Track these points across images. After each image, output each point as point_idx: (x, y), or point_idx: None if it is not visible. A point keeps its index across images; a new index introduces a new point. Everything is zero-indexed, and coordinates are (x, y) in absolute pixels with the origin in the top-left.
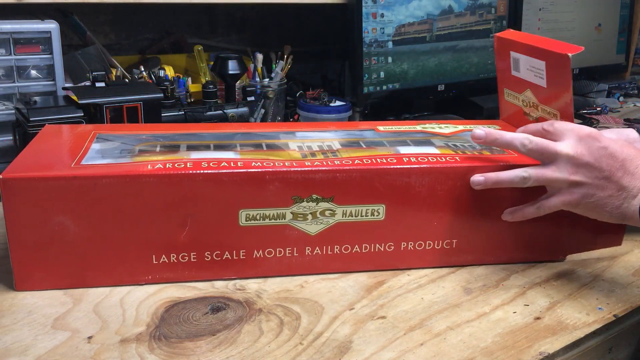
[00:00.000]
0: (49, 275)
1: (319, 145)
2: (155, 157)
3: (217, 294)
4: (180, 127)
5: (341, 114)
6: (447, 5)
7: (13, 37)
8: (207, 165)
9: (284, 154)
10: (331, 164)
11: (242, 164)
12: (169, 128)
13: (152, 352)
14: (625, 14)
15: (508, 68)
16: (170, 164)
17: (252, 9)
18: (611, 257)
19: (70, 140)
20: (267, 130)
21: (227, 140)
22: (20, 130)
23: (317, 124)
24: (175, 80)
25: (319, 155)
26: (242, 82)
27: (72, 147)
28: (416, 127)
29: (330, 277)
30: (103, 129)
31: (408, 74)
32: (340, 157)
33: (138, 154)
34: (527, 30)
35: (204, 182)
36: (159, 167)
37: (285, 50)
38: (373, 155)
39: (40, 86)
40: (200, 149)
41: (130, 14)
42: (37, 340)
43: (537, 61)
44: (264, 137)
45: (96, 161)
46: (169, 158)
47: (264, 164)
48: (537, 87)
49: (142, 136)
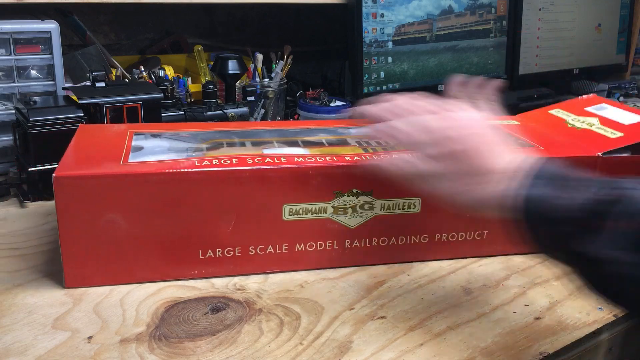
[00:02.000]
0: (98, 271)
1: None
2: (211, 153)
3: (217, 294)
4: (224, 125)
5: (341, 114)
6: (447, 5)
7: (13, 37)
8: (253, 161)
9: (347, 149)
10: (370, 159)
11: (285, 160)
12: (207, 126)
13: (152, 352)
14: (625, 14)
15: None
16: (217, 161)
17: (252, 9)
18: None
19: (109, 138)
20: (328, 126)
21: (291, 136)
22: (20, 130)
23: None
24: (175, 80)
25: (378, 149)
26: (242, 82)
27: (114, 146)
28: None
29: (330, 277)
30: (138, 128)
31: (408, 74)
32: (381, 152)
33: (185, 151)
34: (527, 29)
35: (249, 179)
36: (206, 164)
37: (285, 50)
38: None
39: (40, 86)
40: (266, 145)
41: (130, 14)
42: (37, 340)
43: None
44: (325, 132)
45: (141, 159)
46: (217, 155)
47: (306, 159)
48: None
49: (182, 134)
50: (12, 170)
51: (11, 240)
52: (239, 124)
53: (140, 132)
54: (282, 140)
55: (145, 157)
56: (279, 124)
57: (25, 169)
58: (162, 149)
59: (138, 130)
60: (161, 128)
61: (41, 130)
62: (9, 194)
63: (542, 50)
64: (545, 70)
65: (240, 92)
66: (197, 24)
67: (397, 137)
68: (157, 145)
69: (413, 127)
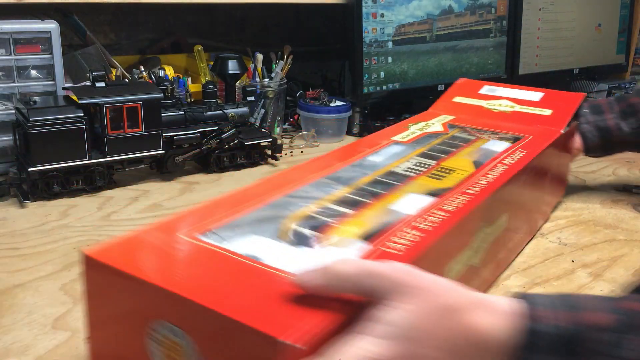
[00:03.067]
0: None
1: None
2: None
3: None
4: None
5: (341, 114)
6: (447, 5)
7: (13, 37)
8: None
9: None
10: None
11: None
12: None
13: None
14: (625, 14)
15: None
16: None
17: (252, 9)
18: (611, 257)
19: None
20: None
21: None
22: (20, 130)
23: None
24: (175, 80)
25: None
26: (242, 82)
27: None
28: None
29: None
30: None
31: (408, 74)
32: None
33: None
34: (527, 29)
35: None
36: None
37: (285, 50)
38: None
39: (40, 86)
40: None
41: (130, 14)
42: (37, 340)
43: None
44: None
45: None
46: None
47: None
48: None
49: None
50: (12, 170)
51: (11, 240)
52: (303, 170)
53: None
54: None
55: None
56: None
57: (25, 169)
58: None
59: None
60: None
61: (41, 130)
62: (9, 194)
63: (542, 50)
64: (545, 70)
65: (240, 92)
66: (197, 24)
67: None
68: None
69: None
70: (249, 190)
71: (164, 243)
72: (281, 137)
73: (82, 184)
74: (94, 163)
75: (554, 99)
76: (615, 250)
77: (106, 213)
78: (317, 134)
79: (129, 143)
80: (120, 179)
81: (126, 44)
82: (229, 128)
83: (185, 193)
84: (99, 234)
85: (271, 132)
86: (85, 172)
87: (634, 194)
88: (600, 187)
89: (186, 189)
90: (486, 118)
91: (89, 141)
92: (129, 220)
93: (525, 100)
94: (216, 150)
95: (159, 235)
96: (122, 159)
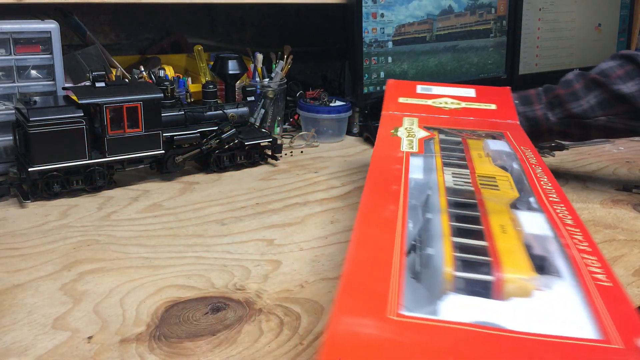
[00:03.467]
0: None
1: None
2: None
3: (217, 294)
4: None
5: (341, 114)
6: (447, 5)
7: (13, 37)
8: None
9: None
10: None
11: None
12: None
13: (152, 352)
14: (625, 14)
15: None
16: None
17: (252, 9)
18: (611, 257)
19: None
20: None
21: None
22: (20, 130)
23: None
24: (175, 80)
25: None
26: (242, 82)
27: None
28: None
29: (330, 277)
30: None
31: (408, 74)
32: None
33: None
34: (527, 29)
35: None
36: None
37: (285, 50)
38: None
39: (40, 86)
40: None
41: (130, 14)
42: (37, 340)
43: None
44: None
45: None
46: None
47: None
48: None
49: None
50: (12, 170)
51: (11, 240)
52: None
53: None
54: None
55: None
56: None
57: (25, 169)
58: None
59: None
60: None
61: (41, 130)
62: (9, 194)
63: (542, 50)
64: (545, 70)
65: (240, 92)
66: (197, 24)
67: None
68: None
69: None
70: (361, 255)
71: (391, 333)
72: (281, 137)
73: (82, 184)
74: (94, 163)
75: (487, 94)
76: (615, 250)
77: (106, 213)
78: (317, 134)
79: (129, 143)
80: (120, 179)
81: (126, 44)
82: (229, 128)
83: (185, 193)
84: (99, 234)
85: (271, 132)
86: (85, 172)
87: (634, 194)
88: (600, 187)
89: (186, 189)
90: (445, 115)
91: (89, 141)
92: (129, 220)
93: (464, 97)
94: (216, 150)
95: (375, 323)
96: (122, 159)
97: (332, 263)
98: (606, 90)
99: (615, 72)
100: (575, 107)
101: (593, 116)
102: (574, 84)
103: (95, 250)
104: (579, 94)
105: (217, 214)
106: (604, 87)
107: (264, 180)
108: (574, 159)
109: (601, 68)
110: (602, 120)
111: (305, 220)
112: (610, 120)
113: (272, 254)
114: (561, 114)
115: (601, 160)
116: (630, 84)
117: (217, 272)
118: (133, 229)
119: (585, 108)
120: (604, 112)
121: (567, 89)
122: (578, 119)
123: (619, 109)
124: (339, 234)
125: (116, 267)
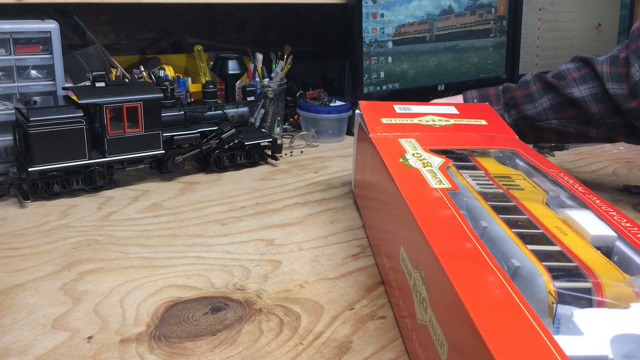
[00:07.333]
0: None
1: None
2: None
3: (217, 294)
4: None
5: (341, 114)
6: (447, 5)
7: (13, 37)
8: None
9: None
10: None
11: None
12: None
13: (152, 352)
14: (625, 14)
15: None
16: None
17: (252, 9)
18: None
19: None
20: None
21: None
22: (21, 130)
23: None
24: (175, 80)
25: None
26: (242, 82)
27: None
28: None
29: (330, 277)
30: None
31: (408, 74)
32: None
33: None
34: (527, 29)
35: None
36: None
37: (285, 50)
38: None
39: (40, 86)
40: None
41: (130, 14)
42: (37, 340)
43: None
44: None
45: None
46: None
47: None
48: None
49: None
50: (12, 170)
51: (11, 240)
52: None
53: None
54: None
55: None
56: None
57: (25, 169)
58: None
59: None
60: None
61: (41, 130)
62: (9, 194)
63: (542, 50)
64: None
65: (240, 92)
66: (197, 24)
67: None
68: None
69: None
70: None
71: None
72: (281, 137)
73: (82, 184)
74: (94, 163)
75: (469, 111)
76: None
77: (106, 213)
78: (317, 134)
79: (129, 143)
80: (120, 179)
81: (126, 44)
82: (229, 128)
83: (185, 193)
84: (99, 234)
85: (271, 132)
86: (85, 172)
87: (634, 194)
88: (600, 187)
89: (186, 189)
90: (441, 132)
91: (89, 141)
92: (129, 220)
93: (448, 114)
94: (216, 150)
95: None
96: (122, 159)
97: (332, 263)
98: (559, 94)
99: (571, 74)
100: (530, 109)
101: (545, 119)
102: (531, 86)
103: (95, 250)
104: (534, 96)
105: (217, 214)
106: (557, 91)
107: (264, 180)
108: (574, 159)
109: (559, 69)
110: (554, 124)
111: (305, 220)
112: (562, 124)
113: (272, 254)
114: (516, 115)
115: (601, 160)
116: (583, 88)
117: (217, 272)
118: (133, 229)
119: (539, 110)
120: (556, 116)
121: (524, 91)
122: (532, 121)
123: (571, 113)
124: (339, 234)
125: (116, 267)
